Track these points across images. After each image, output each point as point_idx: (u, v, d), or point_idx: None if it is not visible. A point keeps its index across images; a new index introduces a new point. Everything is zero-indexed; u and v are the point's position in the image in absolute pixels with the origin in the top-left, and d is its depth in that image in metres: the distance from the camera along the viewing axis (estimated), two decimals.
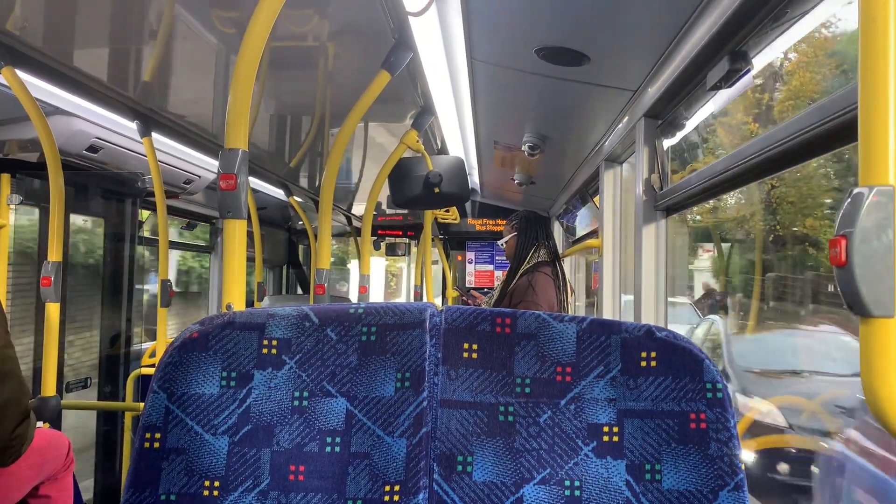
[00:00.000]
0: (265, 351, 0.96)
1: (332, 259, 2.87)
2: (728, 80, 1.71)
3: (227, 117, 1.46)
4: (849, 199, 0.77)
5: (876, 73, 0.77)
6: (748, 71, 1.66)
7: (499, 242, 3.89)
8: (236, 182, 1.43)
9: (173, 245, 5.44)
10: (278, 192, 5.26)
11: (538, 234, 3.58)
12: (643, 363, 0.92)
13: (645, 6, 1.81)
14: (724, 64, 1.68)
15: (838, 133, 1.26)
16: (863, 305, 0.76)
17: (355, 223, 7.36)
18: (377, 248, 8.29)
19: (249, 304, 5.68)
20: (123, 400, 3.93)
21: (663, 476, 0.90)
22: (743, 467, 0.89)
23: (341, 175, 4.88)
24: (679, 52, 1.93)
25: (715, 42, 1.69)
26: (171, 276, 4.77)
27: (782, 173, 1.63)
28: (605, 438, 0.92)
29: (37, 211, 3.59)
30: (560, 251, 4.23)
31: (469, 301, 5.49)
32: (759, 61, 1.70)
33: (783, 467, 3.75)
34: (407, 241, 8.13)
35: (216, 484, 0.92)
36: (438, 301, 7.63)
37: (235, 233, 1.46)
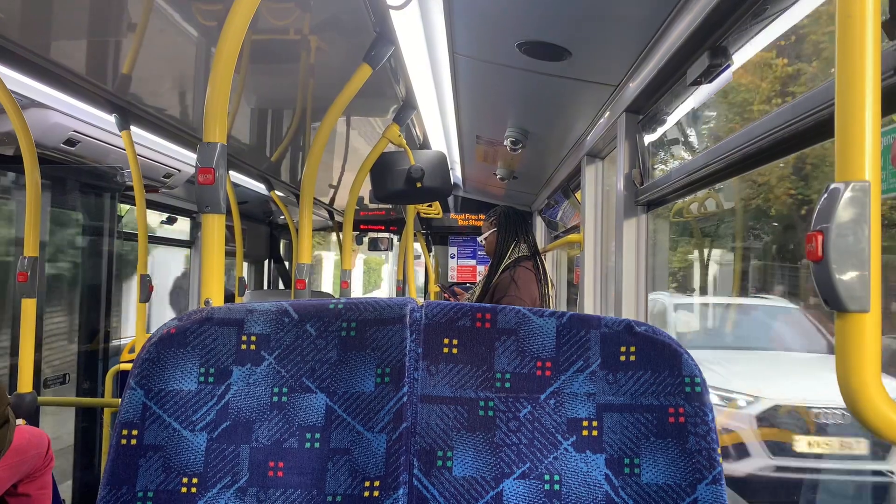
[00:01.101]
0: (244, 347, 0.95)
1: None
2: (708, 75, 1.72)
3: (205, 110, 1.44)
4: (825, 195, 0.78)
5: (853, 69, 0.77)
6: (728, 66, 1.67)
7: (479, 238, 3.89)
8: (214, 176, 1.41)
9: (153, 239, 5.40)
10: (259, 187, 5.23)
11: (517, 230, 3.59)
12: (622, 358, 0.93)
13: (626, 1, 1.82)
14: (704, 59, 1.69)
15: (816, 129, 1.28)
16: (839, 300, 0.76)
17: (337, 218, 7.33)
18: (359, 242, 8.27)
19: (231, 298, 5.65)
20: (102, 396, 3.90)
21: (642, 470, 0.90)
22: (721, 461, 0.90)
23: (323, 169, 4.86)
24: (660, 47, 1.94)
25: (695, 38, 1.70)
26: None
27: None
28: (585, 433, 0.92)
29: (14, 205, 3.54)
30: (542, 246, 4.24)
31: (450, 298, 5.48)
32: (739, 57, 1.71)
33: None
34: (389, 235, 8.11)
35: (194, 481, 0.92)
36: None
37: (214, 227, 1.45)
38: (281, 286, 8.03)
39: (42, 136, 3.00)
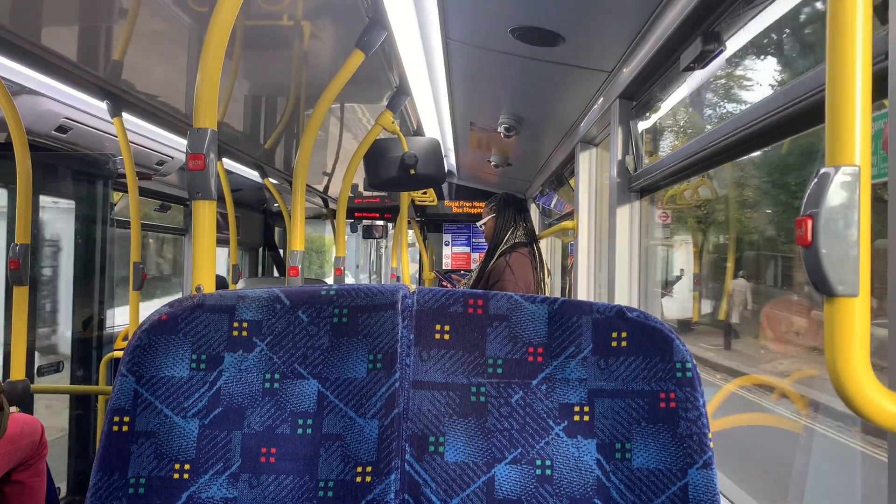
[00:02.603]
0: (235, 333, 0.95)
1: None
2: (701, 60, 1.71)
3: (195, 96, 1.44)
4: (815, 180, 0.78)
5: (845, 53, 0.77)
6: (721, 51, 1.67)
7: (478, 224, 3.90)
8: (205, 162, 1.41)
9: (146, 227, 5.38)
10: (253, 174, 5.21)
11: (515, 216, 3.59)
12: (614, 343, 0.93)
13: None
14: (697, 45, 1.69)
15: (807, 114, 1.28)
16: (828, 285, 0.77)
17: (332, 205, 7.32)
18: (354, 230, 8.26)
19: (225, 285, 5.64)
20: (96, 384, 3.90)
21: (633, 455, 0.91)
22: (712, 445, 0.90)
23: (316, 156, 4.84)
24: (653, 33, 1.93)
25: (688, 23, 1.70)
26: None
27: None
28: (576, 418, 0.93)
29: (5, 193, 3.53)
30: (537, 232, 4.24)
31: (447, 285, 5.47)
32: (732, 43, 1.71)
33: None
34: (384, 223, 8.10)
35: (186, 467, 0.92)
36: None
37: (205, 214, 1.44)
38: (276, 273, 8.02)
39: (33, 123, 2.98)
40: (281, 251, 8.09)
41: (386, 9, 2.07)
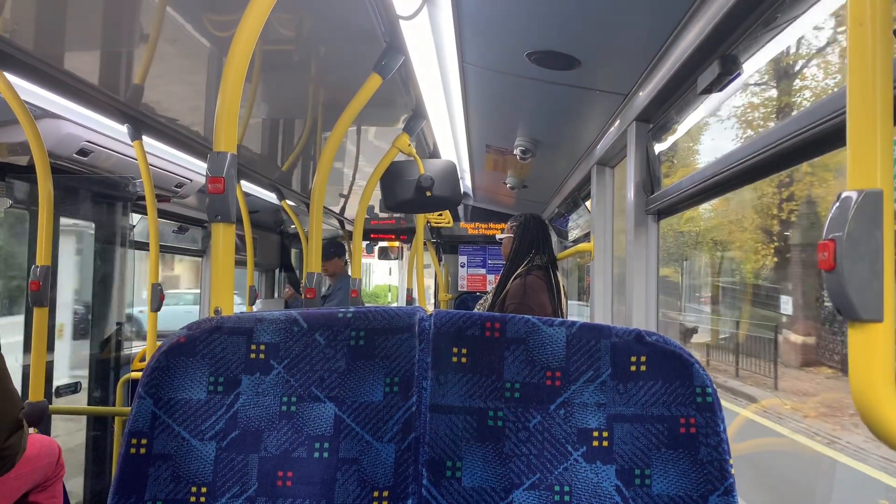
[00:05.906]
0: (253, 356, 0.95)
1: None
2: (718, 83, 1.71)
3: (216, 120, 1.45)
4: (837, 203, 0.77)
5: (864, 77, 0.77)
6: (738, 75, 1.67)
7: (497, 237, 3.89)
8: (225, 185, 1.42)
9: (164, 249, 5.43)
10: (271, 196, 5.25)
11: (533, 242, 3.55)
12: (633, 368, 0.92)
13: (635, 11, 1.82)
14: (714, 68, 1.68)
15: (827, 137, 1.27)
16: (852, 310, 0.76)
17: (348, 227, 7.35)
18: (370, 251, 8.27)
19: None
20: (114, 405, 3.91)
21: (653, 481, 0.90)
22: (733, 471, 0.89)
23: (333, 179, 4.88)
24: (670, 56, 1.93)
25: (705, 46, 1.70)
26: None
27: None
28: (595, 443, 0.91)
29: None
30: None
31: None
32: (750, 66, 1.70)
33: None
34: (399, 244, 8.12)
35: (203, 490, 0.92)
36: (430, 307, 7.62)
37: (224, 236, 1.45)
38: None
39: (55, 147, 3.03)
40: (297, 272, 8.12)
41: (403, 33, 2.08)
